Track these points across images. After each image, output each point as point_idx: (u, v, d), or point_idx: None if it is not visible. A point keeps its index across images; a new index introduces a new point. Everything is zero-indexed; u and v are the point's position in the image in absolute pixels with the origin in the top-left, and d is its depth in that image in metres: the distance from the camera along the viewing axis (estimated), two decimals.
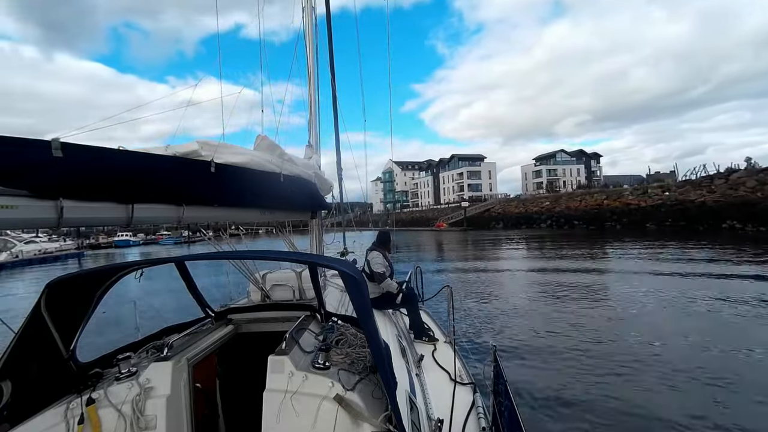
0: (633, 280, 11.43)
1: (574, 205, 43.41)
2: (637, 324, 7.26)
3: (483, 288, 11.58)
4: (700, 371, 5.04)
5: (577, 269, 14.26)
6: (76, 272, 1.92)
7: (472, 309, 8.63)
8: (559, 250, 21.30)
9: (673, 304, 8.51)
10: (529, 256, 20.34)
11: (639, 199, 37.07)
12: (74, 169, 1.53)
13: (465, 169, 76.67)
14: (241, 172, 2.42)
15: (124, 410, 1.74)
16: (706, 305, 8.29)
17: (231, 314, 2.87)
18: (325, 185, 4.41)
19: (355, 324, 2.52)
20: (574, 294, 10.07)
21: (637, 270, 13.29)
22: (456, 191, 76.46)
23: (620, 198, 39.43)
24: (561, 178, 71.69)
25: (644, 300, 9.01)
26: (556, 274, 13.58)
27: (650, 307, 8.40)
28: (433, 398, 2.61)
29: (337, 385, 1.72)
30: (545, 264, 16.60)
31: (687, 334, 6.51)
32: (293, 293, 3.48)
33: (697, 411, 4.12)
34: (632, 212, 35.91)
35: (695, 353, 5.68)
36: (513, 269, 15.42)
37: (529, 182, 76.95)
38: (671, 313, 7.93)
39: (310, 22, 4.90)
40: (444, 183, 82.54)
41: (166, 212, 1.99)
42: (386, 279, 4.04)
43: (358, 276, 1.87)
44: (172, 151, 2.05)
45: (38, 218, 1.47)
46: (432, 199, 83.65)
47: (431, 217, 62.83)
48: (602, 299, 9.45)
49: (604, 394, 4.59)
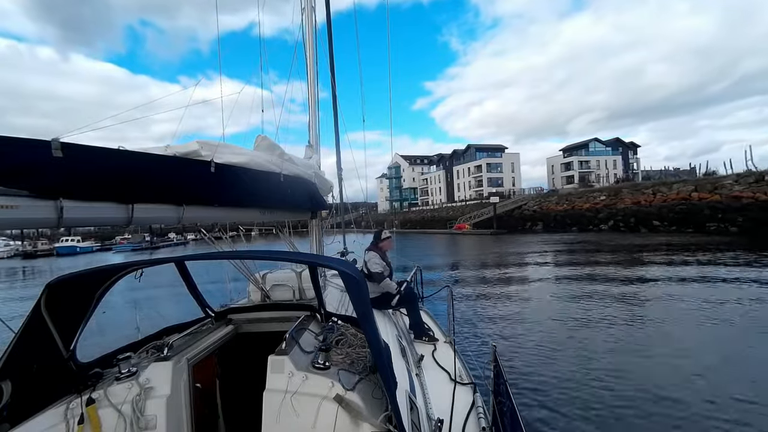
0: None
1: (647, 200, 32.12)
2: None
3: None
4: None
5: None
6: (76, 272, 1.92)
7: (472, 309, 8.61)
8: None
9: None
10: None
11: (755, 191, 25.36)
12: (74, 169, 1.53)
13: (484, 160, 65.68)
14: (241, 172, 2.43)
15: (124, 410, 1.74)
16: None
17: (231, 314, 2.87)
18: (325, 185, 4.41)
19: (355, 324, 2.51)
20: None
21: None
22: (473, 186, 66.68)
23: (717, 189, 27.85)
24: (595, 171, 61.17)
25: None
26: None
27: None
28: (433, 398, 2.61)
29: (337, 385, 1.72)
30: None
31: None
32: (293, 293, 3.48)
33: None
34: (747, 209, 24.81)
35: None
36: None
37: (557, 176, 65.82)
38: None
39: (310, 22, 4.90)
40: (458, 178, 72.00)
41: (166, 212, 1.99)
42: (385, 279, 4.03)
43: (358, 276, 1.87)
44: (172, 151, 2.05)
45: (38, 218, 1.47)
46: (444, 196, 74.10)
47: (447, 216, 52.11)
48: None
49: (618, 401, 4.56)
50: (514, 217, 42.95)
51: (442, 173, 77.41)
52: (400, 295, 4.00)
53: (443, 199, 72.78)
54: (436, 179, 79.78)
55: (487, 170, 65.39)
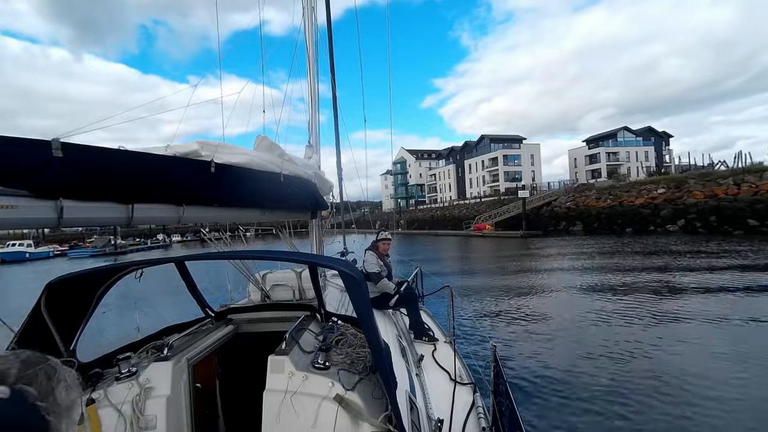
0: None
1: (728, 192, 24.94)
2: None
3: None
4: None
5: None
6: (76, 272, 1.92)
7: (472, 309, 8.59)
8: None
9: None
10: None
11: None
12: (74, 169, 1.53)
13: (500, 152, 58.39)
14: (241, 172, 2.43)
15: (124, 410, 1.74)
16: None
17: (231, 314, 2.87)
18: (325, 185, 4.42)
19: (355, 324, 2.51)
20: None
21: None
22: (488, 181, 60.05)
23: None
24: (624, 163, 54.03)
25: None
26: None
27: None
28: (433, 398, 2.61)
29: (337, 385, 1.72)
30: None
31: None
32: (293, 293, 3.48)
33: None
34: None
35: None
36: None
37: (581, 170, 58.53)
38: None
39: (310, 22, 4.91)
40: (470, 172, 65.13)
41: (166, 212, 1.99)
42: (382, 279, 4.04)
43: (358, 276, 1.87)
44: (172, 151, 2.05)
45: (38, 218, 1.47)
46: (455, 193, 67.43)
47: (459, 215, 45.56)
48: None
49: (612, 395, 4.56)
50: (543, 216, 35.56)
51: (452, 168, 70.23)
52: (399, 295, 4.01)
53: (453, 196, 66.50)
54: (446, 174, 72.44)
55: (504, 163, 57.84)
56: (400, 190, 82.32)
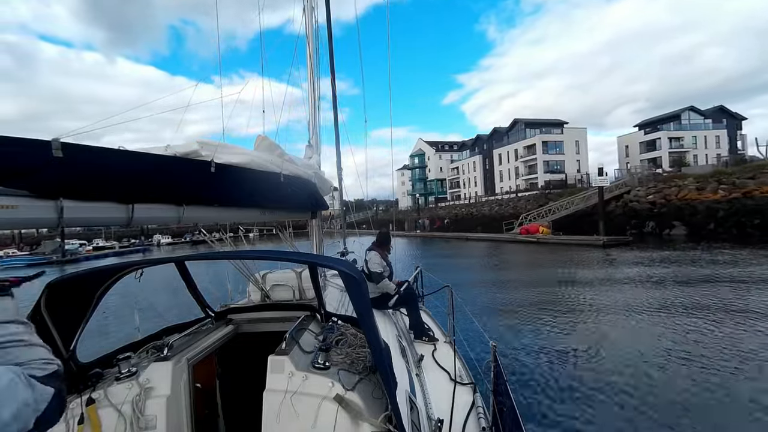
0: None
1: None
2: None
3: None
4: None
5: None
6: (76, 272, 1.92)
7: (472, 309, 8.59)
8: None
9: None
10: None
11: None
12: (74, 169, 1.53)
13: (538, 138, 47.37)
14: (241, 172, 2.43)
15: (124, 410, 1.74)
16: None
17: (231, 314, 2.87)
18: (325, 185, 4.42)
19: (355, 324, 2.51)
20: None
21: None
22: (522, 174, 49.92)
23: None
24: (691, 150, 44.83)
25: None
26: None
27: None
28: (433, 398, 2.61)
29: (337, 385, 1.72)
30: None
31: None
32: (293, 293, 3.48)
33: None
34: None
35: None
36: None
37: (634, 158, 47.92)
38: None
39: (310, 22, 4.93)
40: (500, 163, 54.99)
41: (166, 212, 1.99)
42: (384, 279, 4.04)
43: (358, 276, 1.87)
44: (172, 151, 2.05)
45: (38, 218, 1.47)
46: (481, 188, 58.03)
47: (491, 213, 36.75)
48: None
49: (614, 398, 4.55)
50: (614, 214, 25.82)
51: (479, 159, 60.34)
52: (399, 295, 4.01)
53: (479, 191, 57.44)
54: (470, 167, 62.20)
55: (542, 151, 47.10)
56: (418, 185, 73.01)
